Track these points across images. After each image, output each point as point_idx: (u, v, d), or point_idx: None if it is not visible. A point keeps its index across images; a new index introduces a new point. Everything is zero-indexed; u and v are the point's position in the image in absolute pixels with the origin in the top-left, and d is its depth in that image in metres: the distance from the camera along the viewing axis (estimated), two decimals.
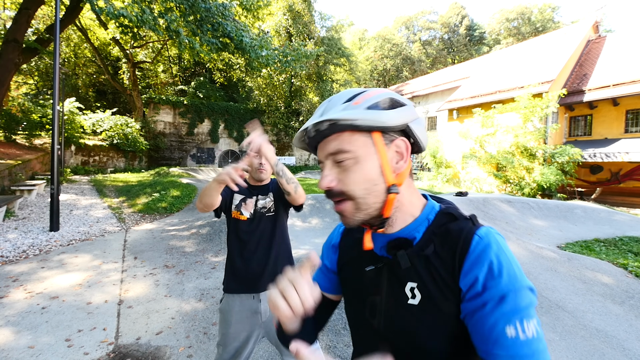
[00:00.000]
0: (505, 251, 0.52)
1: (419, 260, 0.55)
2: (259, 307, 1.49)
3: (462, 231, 0.54)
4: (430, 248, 0.55)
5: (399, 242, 0.58)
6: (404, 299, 0.56)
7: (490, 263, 0.50)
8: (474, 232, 0.53)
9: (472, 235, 0.53)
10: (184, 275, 3.84)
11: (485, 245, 0.51)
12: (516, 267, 0.50)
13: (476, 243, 0.52)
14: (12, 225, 5.75)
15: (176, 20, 8.53)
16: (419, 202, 0.61)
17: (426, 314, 0.54)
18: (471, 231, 0.54)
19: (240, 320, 1.48)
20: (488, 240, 0.52)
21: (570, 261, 3.90)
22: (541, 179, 10.71)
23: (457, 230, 0.54)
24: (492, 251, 0.51)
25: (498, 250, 0.51)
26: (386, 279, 0.59)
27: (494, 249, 0.51)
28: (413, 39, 44.47)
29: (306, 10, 22.05)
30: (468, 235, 0.53)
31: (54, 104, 5.56)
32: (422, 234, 0.57)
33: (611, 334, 2.60)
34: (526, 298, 0.48)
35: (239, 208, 1.58)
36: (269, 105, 23.02)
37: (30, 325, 2.66)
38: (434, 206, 0.61)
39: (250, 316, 1.49)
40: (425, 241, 0.56)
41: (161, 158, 20.11)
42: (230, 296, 1.54)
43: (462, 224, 0.55)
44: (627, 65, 11.79)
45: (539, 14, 39.13)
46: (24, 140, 11.79)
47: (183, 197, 8.45)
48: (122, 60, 20.34)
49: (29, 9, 8.73)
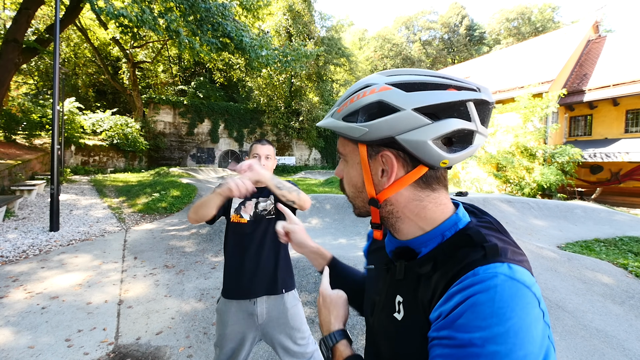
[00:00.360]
0: (496, 299, 0.37)
1: (413, 277, 0.50)
2: (255, 310, 1.48)
3: (463, 260, 0.44)
4: (426, 267, 0.48)
5: (402, 251, 0.54)
6: (391, 309, 0.53)
7: (468, 300, 0.38)
8: (474, 267, 0.41)
9: (468, 269, 0.42)
10: (184, 275, 3.84)
11: (474, 283, 0.39)
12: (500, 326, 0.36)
13: (466, 278, 0.41)
14: (12, 225, 5.74)
15: (176, 20, 8.53)
16: (434, 216, 0.52)
17: (406, 334, 0.49)
18: (472, 264, 0.42)
19: (236, 321, 1.47)
20: (481, 279, 0.39)
21: (570, 261, 3.90)
22: (541, 179, 10.71)
23: (460, 258, 0.44)
24: (474, 291, 0.39)
25: (484, 293, 0.38)
26: (387, 283, 0.57)
27: (477, 289, 0.39)
28: (413, 39, 44.48)
29: (306, 10, 22.06)
30: (465, 268, 0.42)
31: (54, 104, 5.55)
32: (428, 250, 0.51)
33: (611, 334, 2.60)
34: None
35: (239, 211, 1.54)
36: (269, 105, 23.02)
37: (30, 325, 2.66)
38: (457, 222, 0.51)
39: (247, 317, 1.48)
40: (427, 259, 0.49)
41: (161, 158, 20.12)
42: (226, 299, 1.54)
43: (472, 252, 0.44)
44: (627, 65, 11.79)
45: (539, 14, 39.14)
46: (24, 140, 11.79)
47: (183, 197, 8.44)
48: (122, 60, 20.34)
49: (28, 9, 8.73)
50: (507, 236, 0.49)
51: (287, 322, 1.48)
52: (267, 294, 1.49)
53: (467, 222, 0.52)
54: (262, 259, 1.52)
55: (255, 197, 1.57)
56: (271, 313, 1.49)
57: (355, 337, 2.45)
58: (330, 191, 10.53)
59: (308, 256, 0.89)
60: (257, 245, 1.53)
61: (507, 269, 0.41)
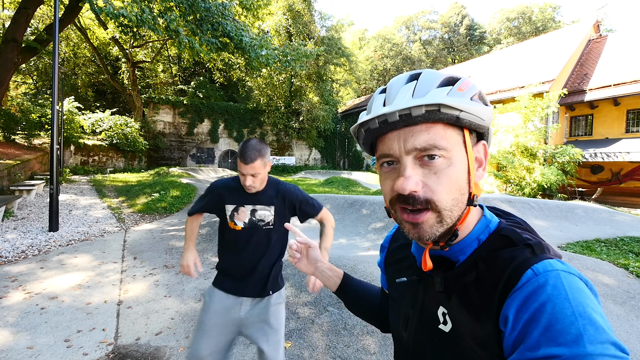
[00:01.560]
0: (570, 297, 0.37)
1: (456, 286, 0.47)
2: (239, 304, 1.47)
3: (513, 260, 0.42)
4: (471, 276, 0.45)
5: (439, 261, 0.50)
6: (435, 321, 0.50)
7: (540, 307, 0.37)
8: (529, 265, 0.41)
9: (524, 269, 0.41)
10: (183, 275, 3.82)
11: (540, 285, 0.38)
12: (586, 323, 0.35)
13: (527, 279, 0.40)
14: (11, 225, 5.73)
15: (176, 20, 8.51)
16: (470, 218, 0.50)
17: (457, 345, 0.46)
18: (525, 263, 0.41)
19: (218, 310, 1.45)
20: (545, 279, 0.39)
21: (571, 261, 3.89)
22: (542, 179, 10.70)
23: (507, 259, 0.43)
24: (546, 294, 0.37)
25: (556, 294, 0.37)
26: (422, 294, 0.54)
27: (548, 291, 0.37)
28: (413, 38, 44.46)
29: (306, 9, 22.03)
30: (519, 268, 0.41)
31: (53, 104, 5.54)
32: (467, 257, 0.48)
33: None
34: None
35: (233, 218, 1.48)
36: (269, 105, 23.01)
37: (29, 326, 2.65)
38: (489, 224, 0.50)
39: (229, 308, 1.46)
40: (467, 266, 0.47)
41: (161, 158, 20.11)
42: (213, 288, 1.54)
43: (518, 251, 0.43)
44: (628, 65, 11.79)
45: (539, 13, 39.11)
46: (23, 140, 11.77)
47: (183, 197, 8.43)
48: (121, 60, 20.33)
49: (28, 8, 8.71)
50: (537, 234, 0.48)
51: (267, 319, 1.46)
52: (255, 297, 1.48)
53: (498, 222, 0.50)
54: (256, 267, 1.47)
55: (250, 203, 1.47)
56: (254, 309, 1.48)
57: (356, 337, 2.44)
58: (330, 191, 10.52)
59: (322, 274, 0.77)
60: (251, 253, 1.47)
61: (560, 264, 0.41)
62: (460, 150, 0.46)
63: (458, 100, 0.44)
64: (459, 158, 0.46)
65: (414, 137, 0.45)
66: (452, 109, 0.43)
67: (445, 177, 0.44)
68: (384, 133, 0.48)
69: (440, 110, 0.43)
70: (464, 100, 0.44)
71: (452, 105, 0.43)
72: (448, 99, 0.43)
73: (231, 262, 1.50)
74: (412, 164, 0.45)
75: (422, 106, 0.43)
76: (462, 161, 0.46)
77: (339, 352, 2.30)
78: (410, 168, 0.45)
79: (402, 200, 0.46)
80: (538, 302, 0.37)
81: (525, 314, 0.38)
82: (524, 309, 0.38)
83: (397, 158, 0.47)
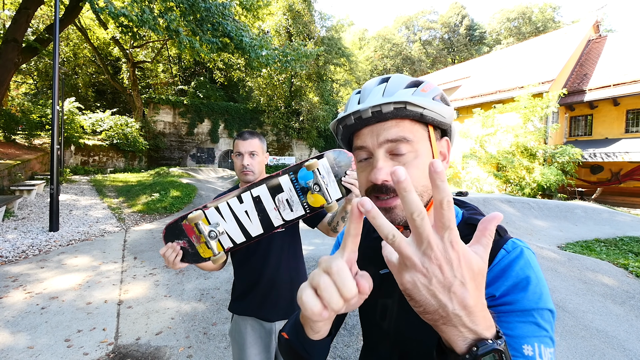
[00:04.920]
0: (533, 267, 0.48)
1: None
2: (273, 327, 1.32)
3: None
4: None
5: None
6: None
7: (516, 277, 0.47)
8: (500, 246, 0.50)
9: (498, 249, 0.50)
10: (183, 275, 3.83)
11: (512, 260, 0.48)
12: (543, 285, 0.47)
13: (502, 256, 0.49)
14: (11, 225, 5.74)
15: (176, 20, 8.52)
16: None
17: None
18: (497, 243, 0.50)
19: (255, 341, 1.31)
20: (515, 255, 0.49)
21: (570, 261, 3.90)
22: (541, 179, 10.70)
23: None
24: (519, 265, 0.48)
25: (525, 264, 0.48)
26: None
27: (520, 264, 0.48)
28: (413, 38, 44.46)
29: (306, 10, 22.03)
30: (493, 248, 0.49)
31: (54, 104, 5.55)
32: None
33: (612, 334, 2.60)
34: (548, 322, 0.45)
35: None
36: (269, 105, 23.00)
37: (30, 326, 2.65)
38: (456, 214, 0.56)
39: (265, 336, 1.33)
40: None
41: (161, 158, 20.11)
42: (240, 318, 1.36)
43: None
44: (627, 65, 11.79)
45: (539, 13, 39.10)
46: (24, 140, 11.78)
47: (183, 197, 8.44)
48: (122, 60, 20.33)
49: (28, 8, 8.72)
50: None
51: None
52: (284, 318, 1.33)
53: (462, 212, 0.58)
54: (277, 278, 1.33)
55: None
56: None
57: (356, 337, 2.45)
58: None
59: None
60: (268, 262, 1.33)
61: (519, 241, 0.51)
62: (425, 144, 0.52)
63: (421, 99, 0.50)
64: (424, 151, 0.51)
65: (386, 131, 0.51)
66: (417, 106, 0.49)
67: (413, 168, 0.50)
68: (359, 128, 0.54)
69: (406, 108, 0.49)
70: (426, 99, 0.50)
71: (416, 103, 0.49)
72: (413, 97, 0.49)
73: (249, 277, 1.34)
74: (384, 157, 0.51)
75: (391, 103, 0.49)
76: (427, 154, 0.52)
77: (339, 352, 2.31)
78: (382, 161, 0.50)
79: (376, 190, 0.51)
80: (514, 271, 0.47)
81: (504, 280, 0.47)
82: (503, 278, 0.47)
83: (370, 151, 0.52)
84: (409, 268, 0.32)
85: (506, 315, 0.46)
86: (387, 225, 0.31)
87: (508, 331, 0.44)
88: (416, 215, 0.30)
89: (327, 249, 4.39)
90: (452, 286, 0.31)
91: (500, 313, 0.46)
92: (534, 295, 0.46)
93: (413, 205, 0.30)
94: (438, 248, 0.31)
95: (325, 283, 0.33)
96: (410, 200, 0.30)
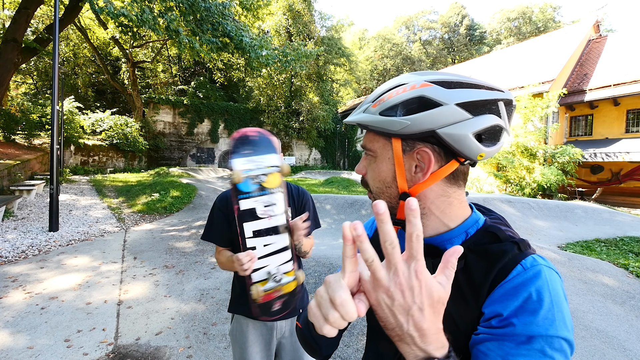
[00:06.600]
0: (551, 290, 0.44)
1: None
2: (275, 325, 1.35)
3: (504, 255, 0.48)
4: (459, 264, 0.49)
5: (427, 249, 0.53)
6: None
7: (528, 298, 0.44)
8: (518, 261, 0.47)
9: (514, 264, 0.47)
10: (183, 275, 3.83)
11: (527, 278, 0.46)
12: (559, 311, 0.43)
13: (516, 273, 0.46)
14: (11, 225, 5.73)
15: (176, 20, 8.51)
16: (458, 213, 0.56)
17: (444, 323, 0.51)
18: (515, 258, 0.48)
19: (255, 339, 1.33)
20: (533, 273, 0.46)
21: (570, 261, 3.89)
22: (542, 179, 10.70)
23: (497, 254, 0.49)
24: (534, 286, 0.45)
25: (542, 286, 0.45)
26: None
27: (536, 284, 0.45)
28: (413, 38, 44.46)
29: (306, 10, 22.02)
30: (509, 262, 0.47)
31: (53, 104, 5.54)
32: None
33: (612, 334, 2.59)
34: (559, 351, 0.41)
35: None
36: (269, 105, 22.99)
37: (30, 326, 2.65)
38: (477, 220, 0.56)
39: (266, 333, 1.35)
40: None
41: (161, 158, 20.10)
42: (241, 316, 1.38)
43: (506, 246, 0.49)
44: (628, 65, 11.79)
45: (540, 13, 39.10)
46: (23, 140, 11.77)
47: (183, 198, 8.43)
48: (121, 60, 20.32)
49: (28, 8, 8.71)
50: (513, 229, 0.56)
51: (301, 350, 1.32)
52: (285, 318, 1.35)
53: (484, 219, 0.57)
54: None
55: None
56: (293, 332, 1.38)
57: (356, 337, 2.44)
58: (330, 191, 10.52)
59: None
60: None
61: (541, 259, 0.49)
62: (387, 152, 0.55)
63: (365, 116, 0.55)
64: (383, 159, 0.55)
65: (364, 138, 0.60)
66: (361, 123, 0.56)
67: (372, 170, 0.58)
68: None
69: (360, 124, 0.56)
70: (370, 116, 0.54)
71: (359, 121, 0.56)
72: (357, 116, 0.57)
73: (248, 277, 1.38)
74: (364, 156, 0.60)
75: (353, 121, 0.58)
76: (386, 162, 0.55)
77: (339, 352, 2.31)
78: (363, 158, 0.61)
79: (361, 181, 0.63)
80: (527, 291, 0.44)
81: (514, 300, 0.45)
82: (513, 297, 0.45)
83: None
84: (378, 288, 0.37)
85: (510, 339, 0.43)
86: (369, 251, 0.36)
87: (509, 357, 0.42)
88: (388, 244, 0.35)
89: (327, 249, 4.39)
90: (411, 310, 0.36)
91: (505, 336, 0.43)
92: (544, 321, 0.42)
93: (387, 235, 0.35)
94: (404, 275, 0.36)
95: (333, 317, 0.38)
96: (385, 231, 0.35)
